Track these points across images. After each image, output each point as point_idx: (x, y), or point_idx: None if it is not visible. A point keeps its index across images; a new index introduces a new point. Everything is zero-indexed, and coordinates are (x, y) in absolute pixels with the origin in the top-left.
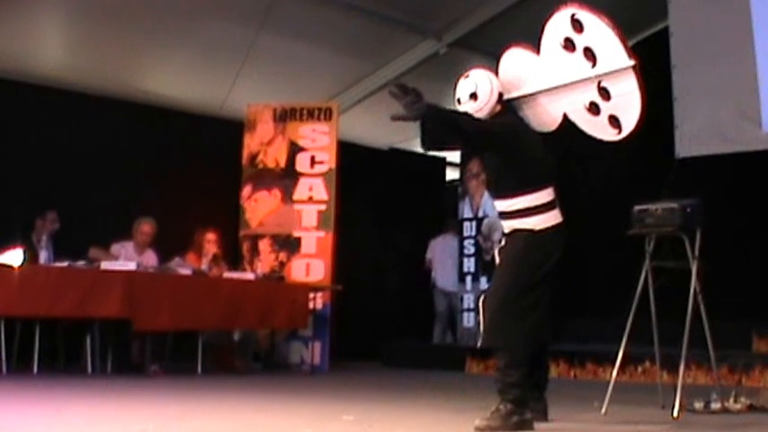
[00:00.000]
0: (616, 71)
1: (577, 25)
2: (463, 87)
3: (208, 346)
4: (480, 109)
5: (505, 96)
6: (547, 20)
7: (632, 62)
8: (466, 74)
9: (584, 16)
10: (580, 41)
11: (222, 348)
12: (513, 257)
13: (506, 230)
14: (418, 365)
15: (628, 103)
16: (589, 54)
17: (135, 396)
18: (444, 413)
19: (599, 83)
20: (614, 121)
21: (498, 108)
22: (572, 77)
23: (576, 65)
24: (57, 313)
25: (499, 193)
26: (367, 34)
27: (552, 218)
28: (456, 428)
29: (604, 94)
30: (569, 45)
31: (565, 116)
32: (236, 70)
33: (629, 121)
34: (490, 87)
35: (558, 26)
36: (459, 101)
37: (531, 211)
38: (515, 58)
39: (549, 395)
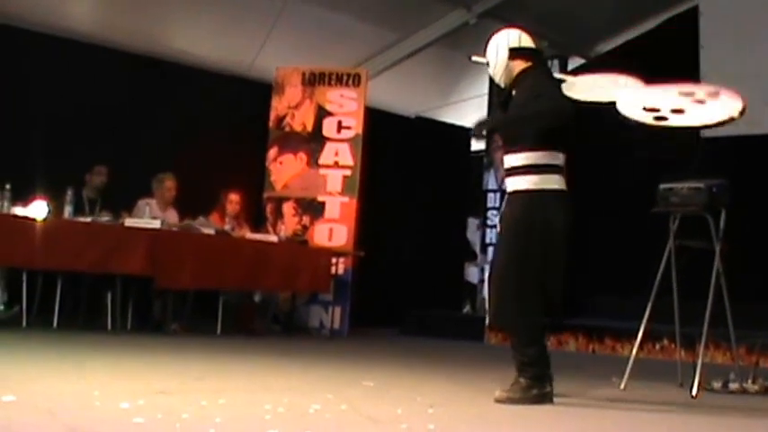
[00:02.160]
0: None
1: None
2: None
3: (228, 306)
4: (494, 73)
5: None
6: None
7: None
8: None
9: None
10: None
11: (242, 309)
12: (509, 223)
13: (508, 190)
14: (437, 334)
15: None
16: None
17: (155, 354)
18: (462, 382)
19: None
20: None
21: (522, 64)
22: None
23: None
24: (79, 268)
25: (513, 147)
26: (396, 2)
27: (554, 181)
28: (474, 398)
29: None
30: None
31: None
32: (266, 32)
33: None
34: (495, 52)
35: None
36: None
37: (534, 169)
38: None
39: (569, 369)
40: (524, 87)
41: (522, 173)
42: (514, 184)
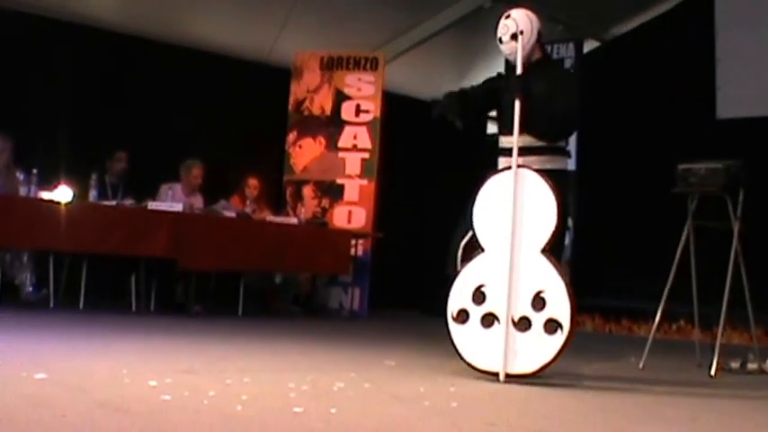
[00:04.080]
0: None
1: None
2: (504, 27)
3: (249, 288)
4: (518, 48)
5: None
6: None
7: None
8: (507, 14)
9: None
10: None
11: (264, 291)
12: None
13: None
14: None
15: None
16: None
17: (179, 335)
18: None
19: None
20: None
21: (539, 52)
22: None
23: None
24: (104, 250)
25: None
26: None
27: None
28: (492, 376)
29: None
30: None
31: None
32: (284, 17)
33: None
34: (530, 27)
35: None
36: (500, 40)
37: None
38: None
39: (586, 350)
40: (550, 77)
41: (543, 152)
42: (540, 162)
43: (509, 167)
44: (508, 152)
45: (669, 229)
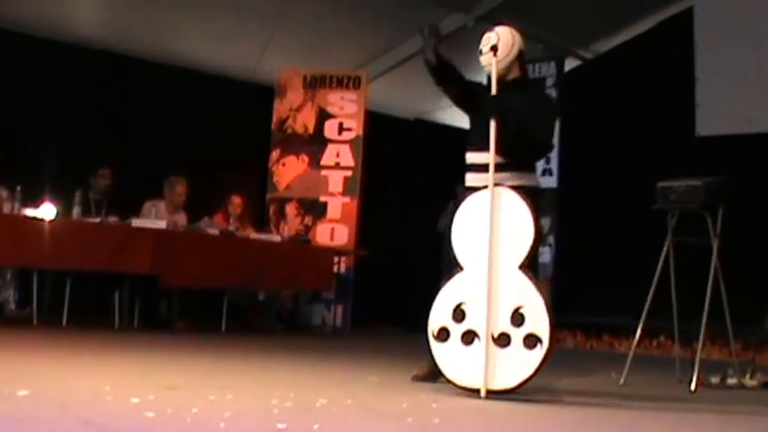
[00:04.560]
0: None
1: None
2: (486, 39)
3: (233, 304)
4: (499, 61)
5: None
6: None
7: None
8: (492, 28)
9: None
10: None
11: (247, 308)
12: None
13: (511, 184)
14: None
15: None
16: None
17: (162, 351)
18: None
19: None
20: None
21: (517, 71)
22: None
23: None
24: (88, 267)
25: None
26: (395, 5)
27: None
28: (474, 393)
29: None
30: None
31: None
32: (268, 36)
33: None
34: (511, 42)
35: None
36: (480, 51)
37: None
38: None
39: (568, 366)
40: (525, 98)
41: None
42: (512, 179)
43: (483, 186)
44: (476, 168)
45: (649, 246)
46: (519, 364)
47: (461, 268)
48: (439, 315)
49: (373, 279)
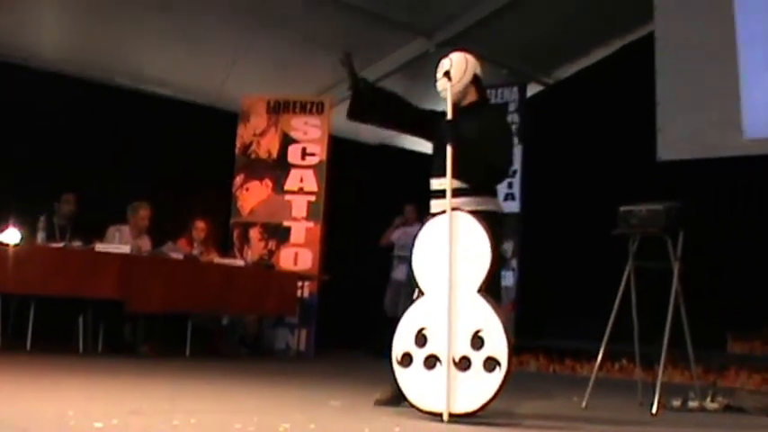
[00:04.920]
0: None
1: None
2: (441, 65)
3: (197, 329)
4: (453, 86)
5: None
6: None
7: None
8: (447, 54)
9: None
10: None
11: (211, 332)
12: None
13: (470, 209)
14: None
15: None
16: None
17: (126, 376)
18: None
19: None
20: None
21: (474, 95)
22: None
23: None
24: (52, 292)
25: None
26: (357, 31)
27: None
28: (437, 417)
29: None
30: None
31: None
32: (231, 62)
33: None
34: (464, 67)
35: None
36: (436, 78)
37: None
38: None
39: (530, 390)
40: (480, 122)
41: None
42: (472, 203)
43: (443, 211)
44: (438, 194)
45: (611, 270)
46: (479, 388)
47: (422, 293)
48: (402, 340)
49: (337, 303)
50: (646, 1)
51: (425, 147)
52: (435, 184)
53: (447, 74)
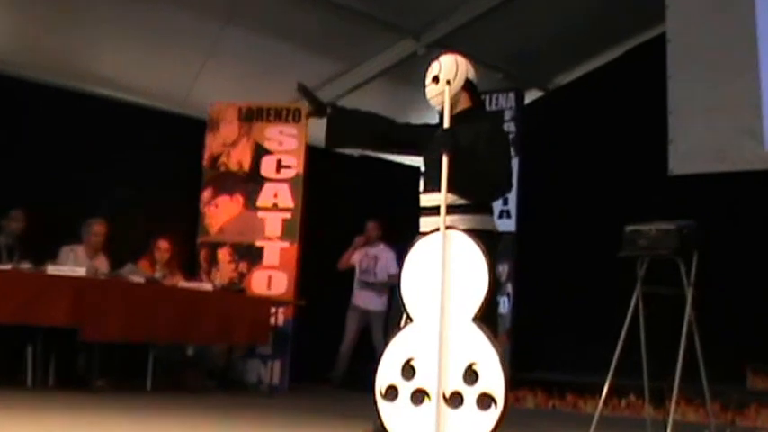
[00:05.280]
0: None
1: None
2: (430, 69)
3: (159, 360)
4: (439, 93)
5: None
6: None
7: None
8: (437, 57)
9: None
10: None
11: (174, 364)
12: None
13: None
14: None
15: None
16: None
17: (80, 412)
18: None
19: None
20: None
21: (466, 102)
22: None
23: None
24: None
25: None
26: (340, 31)
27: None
28: None
29: None
30: None
31: None
32: (199, 64)
33: None
34: (455, 71)
35: None
36: (424, 83)
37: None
38: None
39: (527, 428)
40: (475, 130)
41: (468, 211)
42: (467, 222)
43: (435, 229)
44: (429, 211)
45: (617, 296)
46: (472, 427)
47: (411, 320)
48: (387, 372)
49: (314, 332)
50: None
51: (411, 159)
52: (426, 200)
53: (436, 79)
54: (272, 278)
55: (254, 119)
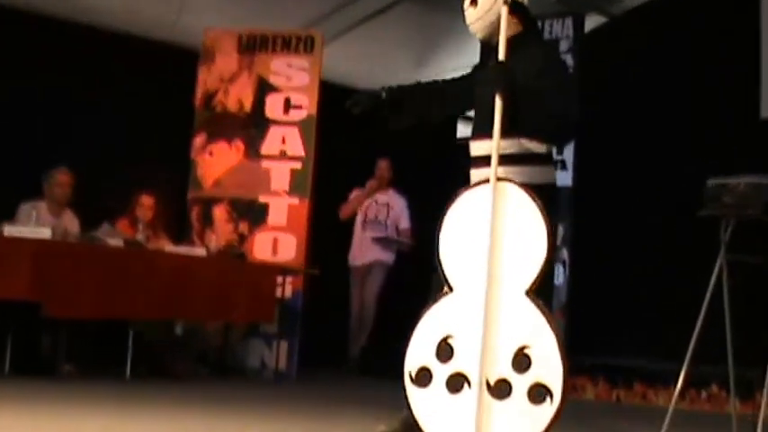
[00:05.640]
0: None
1: None
2: None
3: (140, 341)
4: (480, 18)
5: None
6: None
7: None
8: None
9: None
10: None
11: (159, 345)
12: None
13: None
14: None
15: None
16: None
17: (43, 403)
18: None
19: None
20: None
21: (516, 26)
22: None
23: None
24: None
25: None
26: None
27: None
28: None
29: None
30: None
31: None
32: None
33: None
34: None
35: None
36: (462, 7)
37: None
38: None
39: (586, 425)
40: (527, 57)
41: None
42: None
43: (486, 180)
44: (480, 161)
45: (695, 265)
46: (521, 422)
47: (451, 289)
48: (419, 351)
49: (328, 306)
50: None
51: None
52: (476, 147)
53: (474, 1)
54: (279, 241)
55: (256, 49)
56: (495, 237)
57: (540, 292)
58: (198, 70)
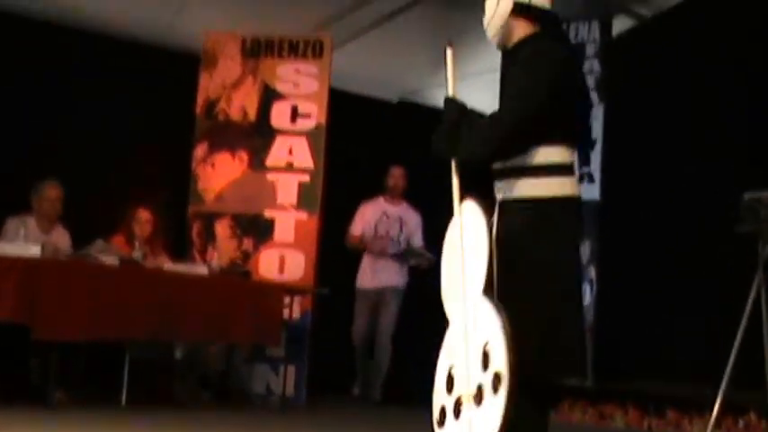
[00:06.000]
0: None
1: None
2: None
3: (138, 366)
4: (488, 24)
5: None
6: None
7: None
8: None
9: None
10: None
11: (157, 370)
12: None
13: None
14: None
15: None
16: None
17: None
18: None
19: None
20: None
21: (523, 30)
22: None
23: None
24: None
25: None
26: None
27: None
28: None
29: None
30: None
31: None
32: None
33: None
34: None
35: None
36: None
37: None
38: None
39: None
40: (520, 62)
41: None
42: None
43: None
44: (496, 174)
45: (732, 284)
46: (486, 419)
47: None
48: (437, 392)
49: (338, 328)
50: None
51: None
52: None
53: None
54: (286, 259)
55: (261, 53)
56: (465, 257)
57: (521, 296)
58: (199, 76)
